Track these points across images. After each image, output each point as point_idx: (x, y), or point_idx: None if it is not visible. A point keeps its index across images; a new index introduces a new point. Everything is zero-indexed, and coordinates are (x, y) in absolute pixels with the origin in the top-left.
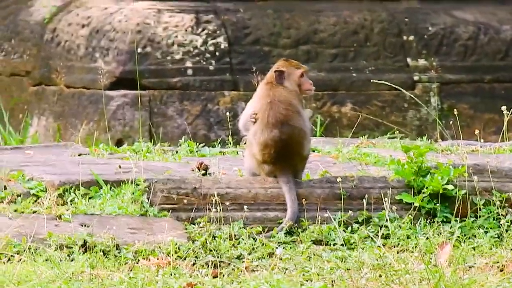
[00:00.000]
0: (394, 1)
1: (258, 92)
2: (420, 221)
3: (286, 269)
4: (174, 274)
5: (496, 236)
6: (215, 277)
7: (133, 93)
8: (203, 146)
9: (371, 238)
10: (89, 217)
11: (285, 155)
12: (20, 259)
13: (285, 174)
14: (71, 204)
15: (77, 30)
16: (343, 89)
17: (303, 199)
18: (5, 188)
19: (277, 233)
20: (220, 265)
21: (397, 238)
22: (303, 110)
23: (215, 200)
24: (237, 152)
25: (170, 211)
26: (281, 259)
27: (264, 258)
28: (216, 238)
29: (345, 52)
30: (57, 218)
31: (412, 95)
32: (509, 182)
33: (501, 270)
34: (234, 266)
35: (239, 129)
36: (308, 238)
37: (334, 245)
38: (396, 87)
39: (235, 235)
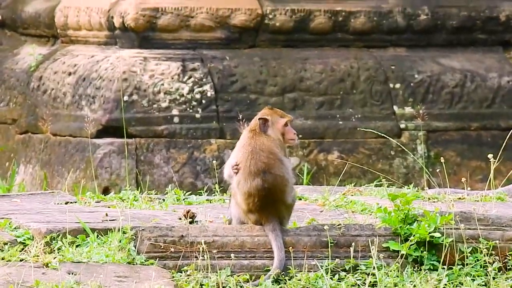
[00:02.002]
0: (381, 49)
1: (240, 140)
2: (407, 268)
3: None
4: None
5: (483, 283)
6: None
7: (119, 141)
8: (190, 194)
9: (358, 286)
10: (76, 265)
11: (269, 203)
12: None
13: (271, 222)
14: (58, 252)
15: (63, 78)
16: (329, 137)
17: (290, 247)
18: None
19: (264, 281)
20: None
21: (384, 286)
22: (286, 159)
23: (202, 248)
24: (224, 200)
25: (157, 259)
26: None
27: None
28: (203, 286)
29: (331, 99)
30: (44, 266)
31: (398, 143)
32: (496, 230)
33: None
34: None
35: (224, 178)
36: (295, 286)
37: None
38: (383, 135)
39: (222, 283)
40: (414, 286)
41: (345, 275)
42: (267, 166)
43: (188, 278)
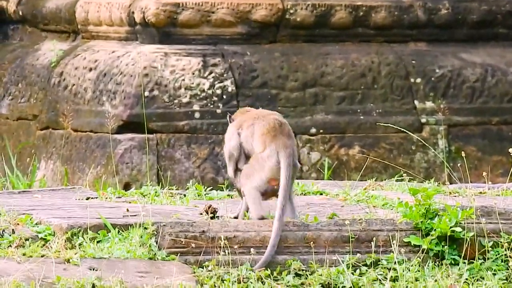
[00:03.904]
0: (401, 44)
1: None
2: (428, 263)
3: None
4: None
5: (504, 278)
6: None
7: (140, 137)
8: (211, 190)
9: (380, 280)
10: (98, 260)
11: (284, 135)
12: None
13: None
14: (79, 248)
15: (84, 74)
16: (350, 131)
17: (311, 242)
18: (13, 232)
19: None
20: None
21: (406, 281)
22: None
23: (223, 243)
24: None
25: (179, 254)
26: None
27: None
28: (224, 282)
29: (352, 94)
30: (66, 262)
31: (419, 138)
32: None
33: None
34: None
35: (230, 154)
36: (316, 281)
37: None
38: (404, 129)
39: (243, 278)
40: (435, 280)
41: (366, 270)
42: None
43: (209, 273)
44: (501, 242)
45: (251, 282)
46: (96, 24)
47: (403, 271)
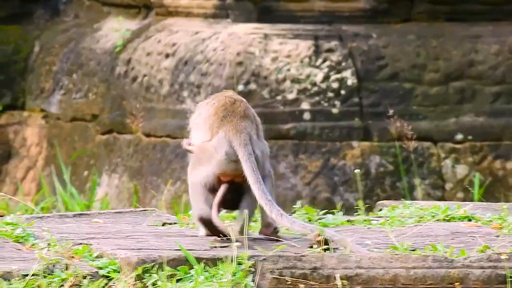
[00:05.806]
0: None
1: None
2: None
3: None
4: None
5: None
6: None
7: None
8: (325, 213)
9: None
10: None
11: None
12: None
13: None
14: None
15: (158, 62)
16: (508, 138)
17: (457, 282)
18: (67, 267)
19: None
20: None
21: None
22: None
23: (342, 284)
24: (369, 221)
25: None
26: None
27: None
28: None
29: (510, 90)
30: None
31: None
32: None
33: None
34: None
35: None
36: None
37: None
38: None
39: None
40: None
41: None
42: None
43: None
44: None
45: None
46: None
47: None
